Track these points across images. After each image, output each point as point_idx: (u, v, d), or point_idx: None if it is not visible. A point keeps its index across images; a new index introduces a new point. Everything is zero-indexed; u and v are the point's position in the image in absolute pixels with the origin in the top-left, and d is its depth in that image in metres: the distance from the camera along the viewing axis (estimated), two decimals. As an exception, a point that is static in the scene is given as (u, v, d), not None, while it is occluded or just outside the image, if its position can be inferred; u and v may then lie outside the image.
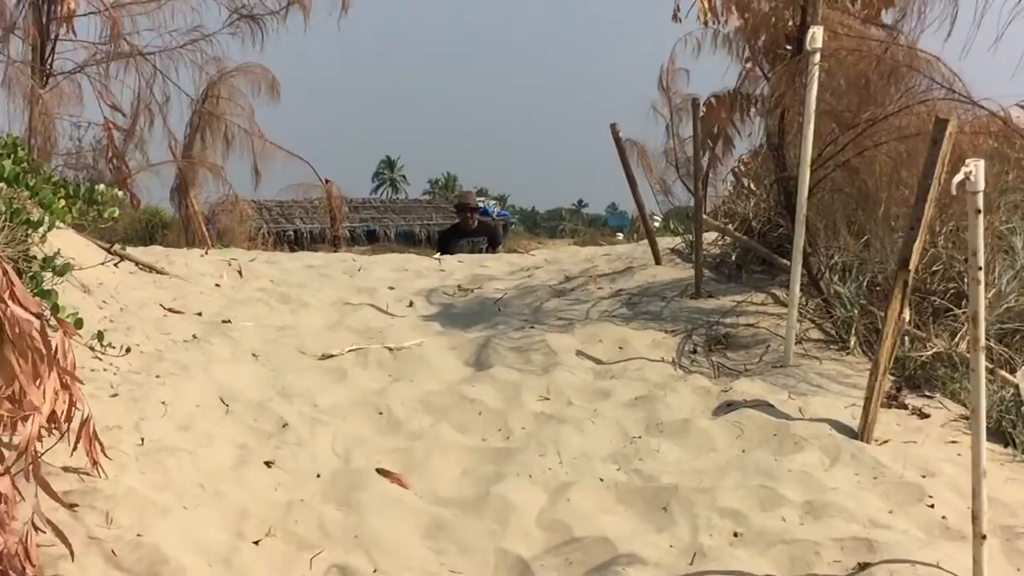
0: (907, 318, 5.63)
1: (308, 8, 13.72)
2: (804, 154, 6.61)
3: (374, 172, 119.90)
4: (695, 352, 7.07)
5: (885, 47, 6.83)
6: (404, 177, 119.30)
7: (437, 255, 11.78)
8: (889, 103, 6.90)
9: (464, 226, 14.76)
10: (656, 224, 14.52)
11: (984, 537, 4.01)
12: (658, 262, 9.14)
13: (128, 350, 6.11)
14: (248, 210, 17.12)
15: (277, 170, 16.32)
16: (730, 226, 8.66)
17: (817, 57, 6.64)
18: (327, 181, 17.13)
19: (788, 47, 8.24)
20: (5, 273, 3.49)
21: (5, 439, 4.01)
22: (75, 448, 4.28)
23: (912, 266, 5.43)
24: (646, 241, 9.56)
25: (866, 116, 6.80)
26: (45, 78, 14.14)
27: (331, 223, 17.16)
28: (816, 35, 6.65)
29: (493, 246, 15.05)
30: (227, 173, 15.99)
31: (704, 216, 8.31)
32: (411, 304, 8.59)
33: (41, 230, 5.73)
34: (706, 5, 9.18)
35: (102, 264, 7.57)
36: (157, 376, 6.06)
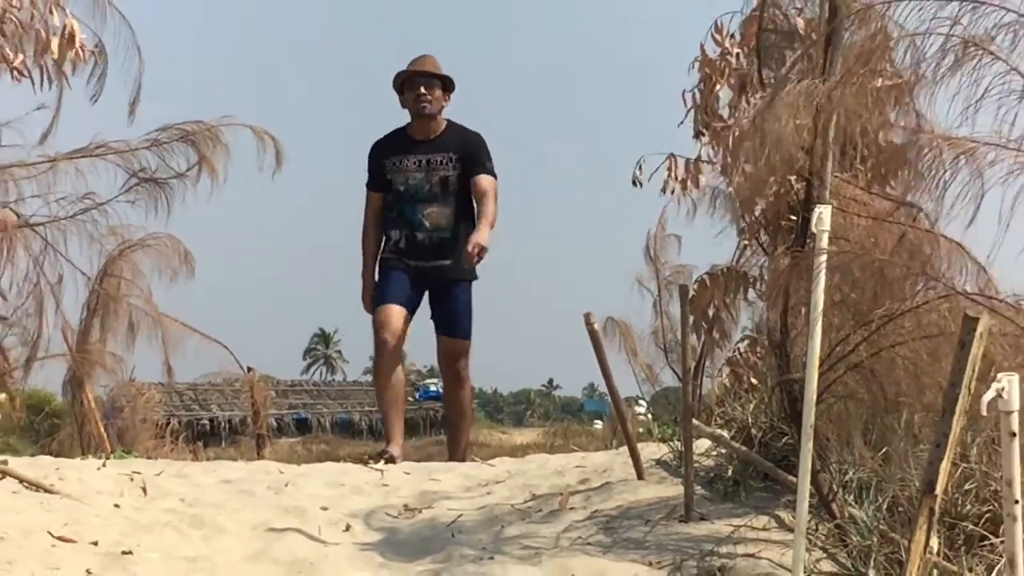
0: (935, 549, 5.65)
1: (216, 172, 13.73)
2: (811, 355, 6.66)
3: (306, 348, 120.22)
4: (685, 589, 7.05)
5: (901, 232, 6.95)
6: (341, 353, 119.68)
7: (380, 466, 11.36)
8: (909, 295, 6.99)
9: (415, 128, 10.48)
10: (641, 410, 14.54)
11: None
12: (640, 476, 9.14)
13: (6, 593, 6.06)
14: (155, 395, 17.14)
15: (190, 355, 16.34)
16: (726, 432, 8.69)
17: (825, 241, 6.73)
18: (249, 369, 17.17)
19: (792, 217, 8.19)
20: None
21: None
22: None
23: (939, 490, 5.46)
24: (626, 448, 9.58)
25: (880, 312, 6.91)
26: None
27: (254, 418, 17.16)
28: (823, 216, 6.72)
29: (471, 168, 10.44)
30: (130, 360, 15.98)
31: (695, 422, 8.35)
32: (348, 528, 8.54)
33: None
34: (674, 174, 9.19)
35: (-22, 483, 7.54)
36: (41, 626, 6.01)
